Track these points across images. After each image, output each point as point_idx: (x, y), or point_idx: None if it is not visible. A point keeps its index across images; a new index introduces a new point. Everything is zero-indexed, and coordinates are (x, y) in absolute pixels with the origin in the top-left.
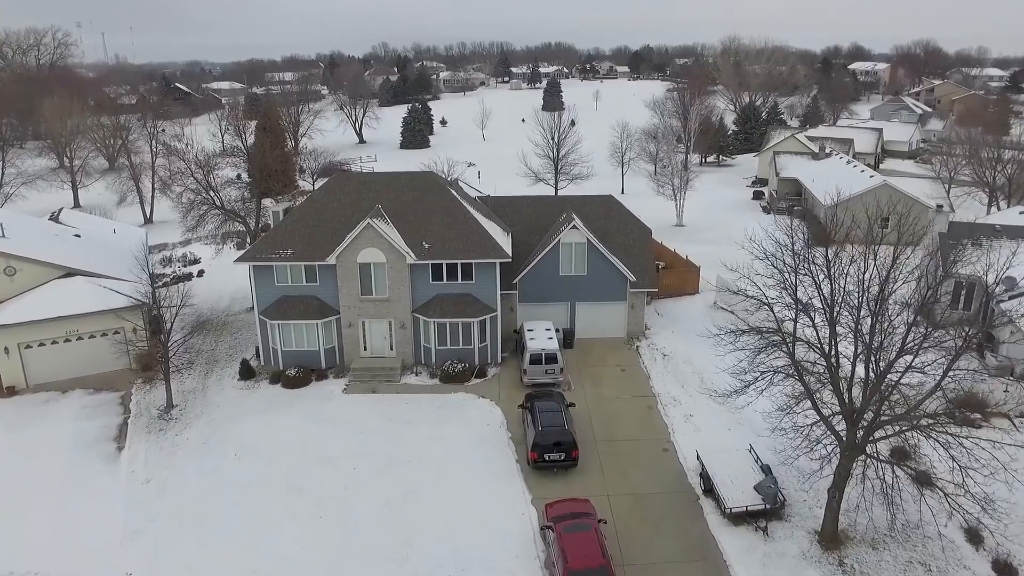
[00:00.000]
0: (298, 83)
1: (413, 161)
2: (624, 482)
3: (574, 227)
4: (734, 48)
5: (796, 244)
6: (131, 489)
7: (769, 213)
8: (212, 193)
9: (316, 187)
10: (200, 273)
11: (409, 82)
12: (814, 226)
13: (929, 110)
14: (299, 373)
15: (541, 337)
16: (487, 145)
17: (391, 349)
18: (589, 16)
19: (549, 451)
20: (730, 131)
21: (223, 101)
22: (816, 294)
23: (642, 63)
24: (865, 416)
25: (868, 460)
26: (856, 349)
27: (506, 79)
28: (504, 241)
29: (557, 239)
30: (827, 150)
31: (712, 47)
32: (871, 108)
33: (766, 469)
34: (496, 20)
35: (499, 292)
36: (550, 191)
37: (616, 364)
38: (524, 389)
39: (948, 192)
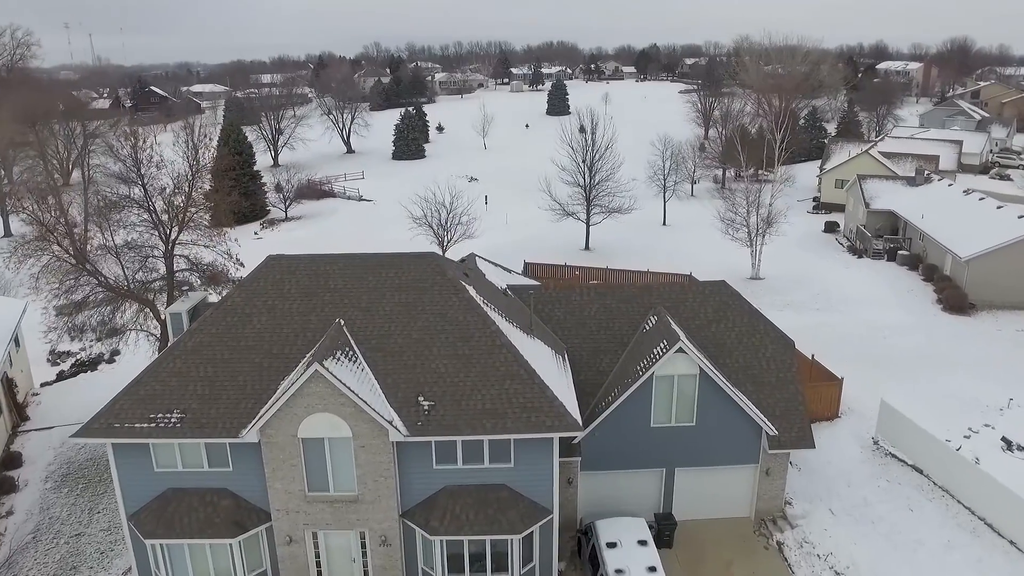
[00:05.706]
0: (283, 86)
1: (407, 175)
2: None
3: (680, 350)
4: (747, 47)
5: None
6: None
7: (861, 256)
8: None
9: (289, 213)
10: (113, 356)
11: (402, 84)
12: (946, 287)
13: (986, 115)
14: None
15: (634, 559)
16: (490, 155)
17: None
18: (589, 14)
19: None
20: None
21: (202, 105)
22: None
23: (650, 63)
24: None
25: None
26: None
27: (506, 80)
28: (561, 379)
29: (650, 371)
30: (925, 173)
31: (724, 46)
32: (921, 114)
33: None
34: (495, 19)
35: (557, 475)
36: (580, 227)
37: None
38: None
39: None
